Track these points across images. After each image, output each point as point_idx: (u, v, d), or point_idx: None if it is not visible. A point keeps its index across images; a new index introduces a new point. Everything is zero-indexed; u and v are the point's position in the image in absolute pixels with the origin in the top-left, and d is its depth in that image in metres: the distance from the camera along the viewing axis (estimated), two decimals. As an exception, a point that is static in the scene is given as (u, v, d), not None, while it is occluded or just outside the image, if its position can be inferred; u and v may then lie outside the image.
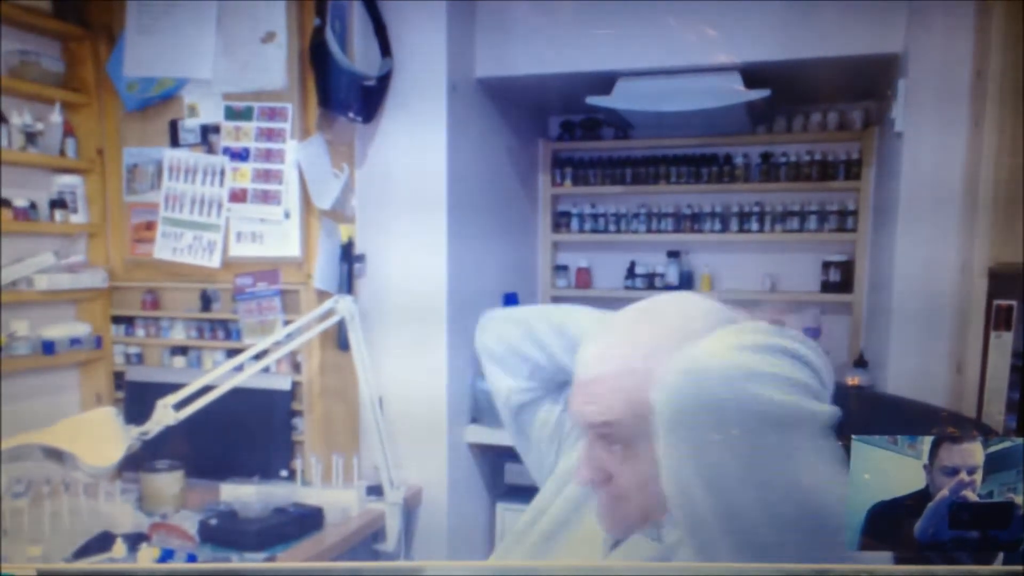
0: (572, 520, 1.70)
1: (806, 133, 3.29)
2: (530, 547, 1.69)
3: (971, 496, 1.77)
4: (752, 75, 2.81)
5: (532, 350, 1.69)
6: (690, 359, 1.29)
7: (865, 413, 1.85)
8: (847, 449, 1.42)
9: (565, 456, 1.74)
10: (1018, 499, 1.84)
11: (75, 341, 2.83)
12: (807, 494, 1.27)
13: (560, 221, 3.64)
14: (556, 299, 3.62)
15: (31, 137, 2.67)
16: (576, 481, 1.52)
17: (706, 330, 1.37)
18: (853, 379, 2.85)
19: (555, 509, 1.70)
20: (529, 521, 1.72)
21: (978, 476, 1.78)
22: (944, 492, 1.72)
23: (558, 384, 1.71)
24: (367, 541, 2.64)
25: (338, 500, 2.62)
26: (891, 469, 1.81)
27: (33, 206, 2.70)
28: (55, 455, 2.23)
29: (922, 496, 1.80)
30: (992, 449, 1.85)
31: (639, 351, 1.36)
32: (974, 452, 1.76)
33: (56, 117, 2.73)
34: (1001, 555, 1.90)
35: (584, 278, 3.63)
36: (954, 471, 1.74)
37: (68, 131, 2.78)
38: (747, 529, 1.29)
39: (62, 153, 2.77)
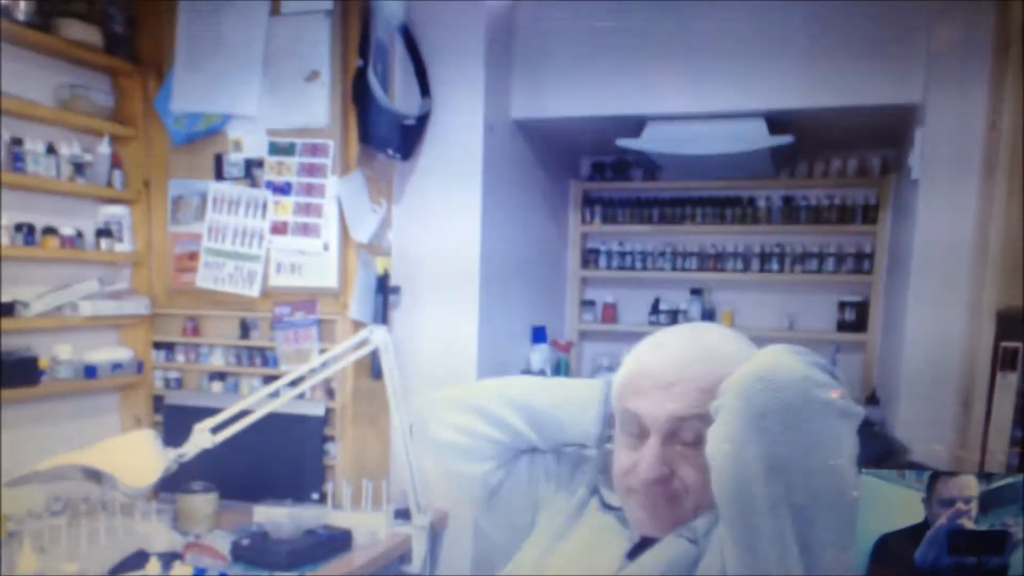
0: (569, 537, 1.78)
1: (826, 178, 3.33)
2: (529, 571, 1.76)
3: (968, 524, 1.85)
4: (776, 122, 2.87)
5: (497, 433, 1.77)
6: (762, 365, 1.43)
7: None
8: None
9: (544, 508, 1.82)
10: (1014, 528, 1.91)
11: (117, 366, 2.87)
12: (843, 474, 1.43)
13: (589, 258, 3.68)
14: (583, 333, 3.67)
15: (79, 168, 2.72)
16: (642, 478, 1.61)
17: (742, 344, 1.54)
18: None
19: (545, 543, 1.78)
20: (522, 560, 1.80)
21: (973, 506, 1.85)
22: (942, 520, 1.80)
23: (515, 457, 1.80)
24: (394, 563, 2.67)
25: (367, 523, 2.65)
26: (896, 502, 1.89)
27: (80, 234, 2.74)
28: (94, 475, 2.27)
29: (923, 527, 1.88)
30: (994, 485, 1.92)
31: (707, 355, 1.50)
32: (969, 484, 1.83)
33: (104, 149, 2.77)
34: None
35: (610, 313, 3.67)
36: (951, 502, 1.82)
37: (116, 163, 2.83)
38: (794, 509, 1.43)
39: (109, 184, 2.82)
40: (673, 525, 1.62)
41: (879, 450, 2.04)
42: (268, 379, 2.78)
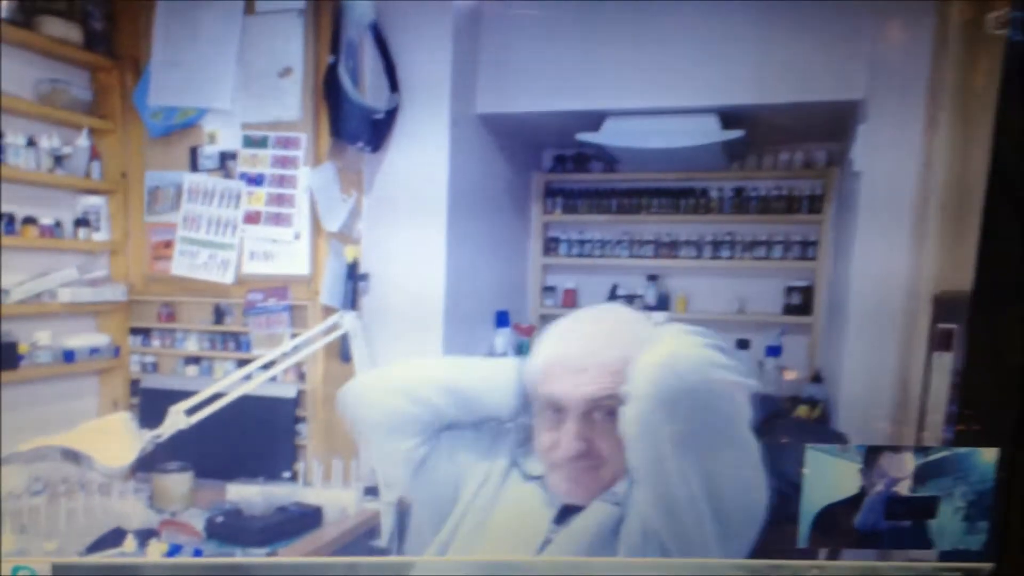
0: (490, 517, 1.91)
1: (775, 170, 3.39)
2: (462, 546, 1.89)
3: (902, 492, 1.99)
4: (728, 117, 2.96)
5: (419, 410, 1.89)
6: (670, 352, 1.60)
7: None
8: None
9: (465, 484, 1.94)
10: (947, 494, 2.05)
11: (94, 350, 2.93)
12: (751, 443, 1.61)
13: (550, 246, 3.71)
14: (545, 317, 3.71)
15: (59, 160, 2.77)
16: (563, 457, 1.76)
17: (643, 326, 1.72)
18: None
19: (473, 515, 1.92)
20: (449, 531, 1.92)
21: (907, 478, 2.00)
22: (879, 488, 1.95)
23: (438, 433, 1.93)
24: (363, 538, 2.74)
25: (337, 500, 2.74)
26: (838, 474, 2.03)
27: (58, 224, 2.80)
28: (73, 456, 2.34)
29: (862, 497, 2.02)
30: (931, 458, 2.07)
31: (611, 340, 1.66)
32: (904, 460, 1.98)
33: (83, 141, 2.82)
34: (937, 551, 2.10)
35: (571, 298, 3.72)
36: (885, 472, 1.96)
37: (94, 155, 2.88)
38: (702, 473, 1.60)
39: (88, 175, 2.86)
40: (595, 493, 1.79)
41: (766, 411, 2.15)
42: (241, 363, 2.84)
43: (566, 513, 1.85)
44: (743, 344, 3.15)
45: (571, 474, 1.81)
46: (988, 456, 2.09)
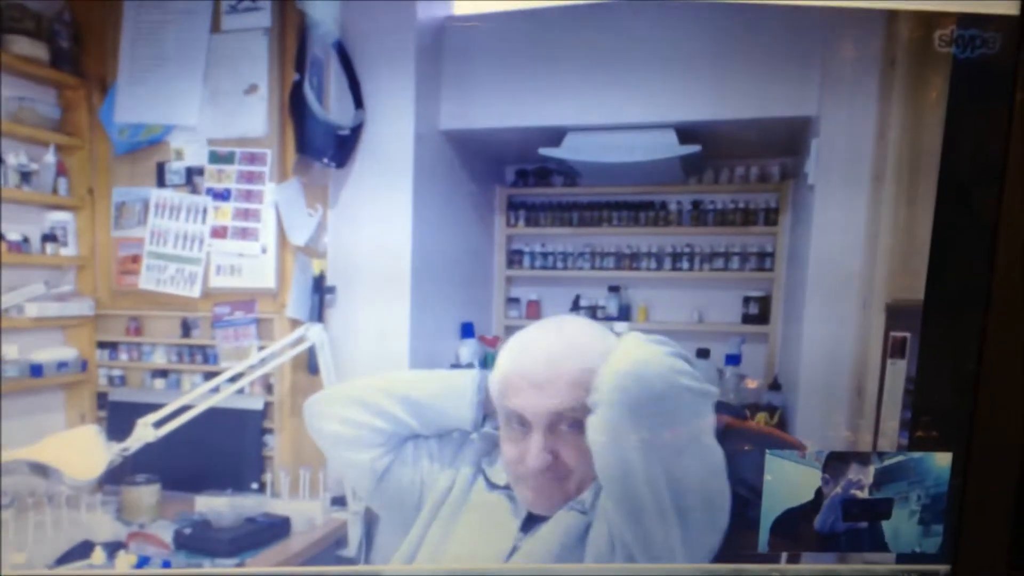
0: (456, 526, 1.95)
1: (731, 184, 3.43)
2: (429, 555, 1.93)
3: (859, 494, 2.05)
4: (685, 132, 3.00)
5: (381, 422, 1.93)
6: (633, 361, 1.65)
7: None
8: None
9: (430, 491, 1.98)
10: (900, 496, 2.10)
11: (62, 365, 2.92)
12: (714, 449, 1.65)
13: (513, 258, 3.73)
14: (509, 328, 3.71)
15: (26, 176, 2.77)
16: (529, 469, 1.79)
17: (602, 337, 1.76)
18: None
19: (439, 524, 1.95)
20: (415, 541, 1.96)
21: (865, 483, 2.05)
22: (837, 490, 2.00)
23: (401, 443, 1.97)
24: (331, 547, 2.75)
25: (305, 510, 2.75)
26: (797, 479, 2.09)
27: (26, 240, 2.80)
28: (40, 469, 2.38)
29: (820, 501, 2.07)
30: (887, 463, 2.13)
31: (572, 351, 1.70)
32: (861, 464, 2.03)
33: (50, 158, 2.83)
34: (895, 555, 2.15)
35: (534, 310, 3.74)
36: (844, 479, 2.02)
37: (61, 171, 2.88)
38: (668, 477, 1.64)
39: (55, 191, 2.87)
40: (562, 503, 1.83)
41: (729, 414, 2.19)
42: (209, 375, 2.84)
43: (532, 521, 1.88)
44: (703, 353, 3.19)
45: (537, 486, 1.85)
46: (942, 460, 2.15)
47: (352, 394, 1.99)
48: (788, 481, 2.07)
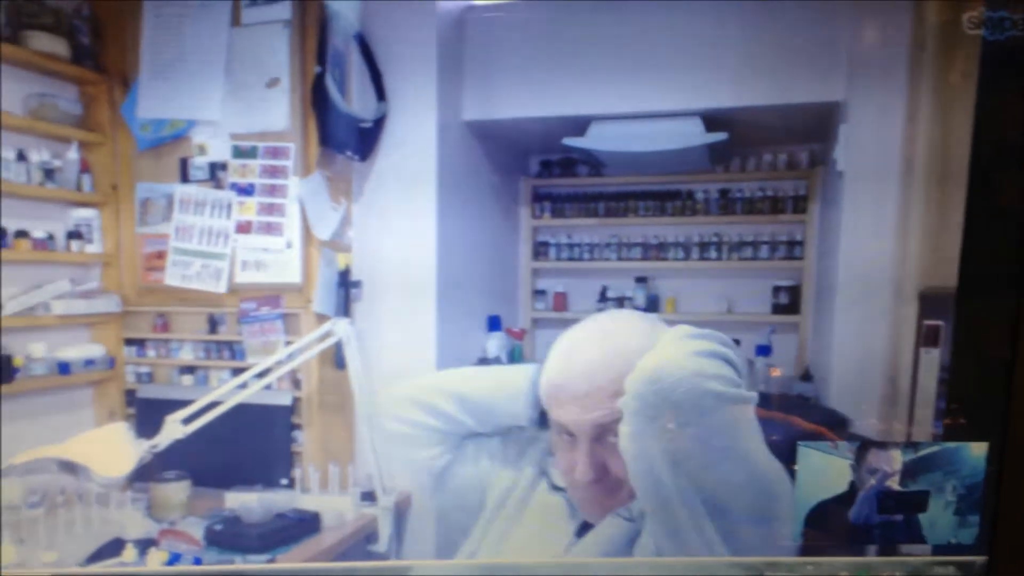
0: (516, 527, 1.92)
1: (759, 172, 3.42)
2: (491, 549, 1.90)
3: (893, 486, 2.02)
4: (712, 120, 2.98)
5: (435, 421, 1.90)
6: (653, 367, 1.57)
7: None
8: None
9: (490, 490, 1.95)
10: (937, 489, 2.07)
11: (89, 362, 2.93)
12: (747, 457, 1.58)
13: (539, 250, 3.73)
14: (536, 320, 3.71)
15: (49, 173, 2.77)
16: (578, 481, 1.75)
17: (647, 337, 1.67)
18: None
19: (499, 525, 1.92)
20: (476, 541, 1.94)
21: (897, 474, 2.02)
22: (872, 482, 1.97)
23: (461, 442, 1.93)
24: (361, 543, 2.75)
25: (334, 506, 2.76)
26: (830, 471, 2.05)
27: (51, 237, 2.81)
28: (70, 468, 2.36)
29: (854, 493, 2.04)
30: (922, 453, 2.09)
31: (616, 359, 1.63)
32: (894, 455, 2.00)
33: (73, 154, 2.83)
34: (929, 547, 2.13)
35: (560, 301, 3.74)
36: (876, 468, 1.99)
37: (84, 168, 2.89)
38: (703, 493, 1.58)
39: (78, 188, 2.87)
40: (609, 510, 1.78)
41: (820, 420, 2.16)
42: (236, 371, 2.87)
43: (587, 525, 1.85)
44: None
45: (588, 496, 1.80)
46: (977, 450, 2.11)
47: (409, 393, 1.97)
48: (820, 473, 2.04)
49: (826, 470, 2.06)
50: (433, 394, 1.91)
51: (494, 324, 3.35)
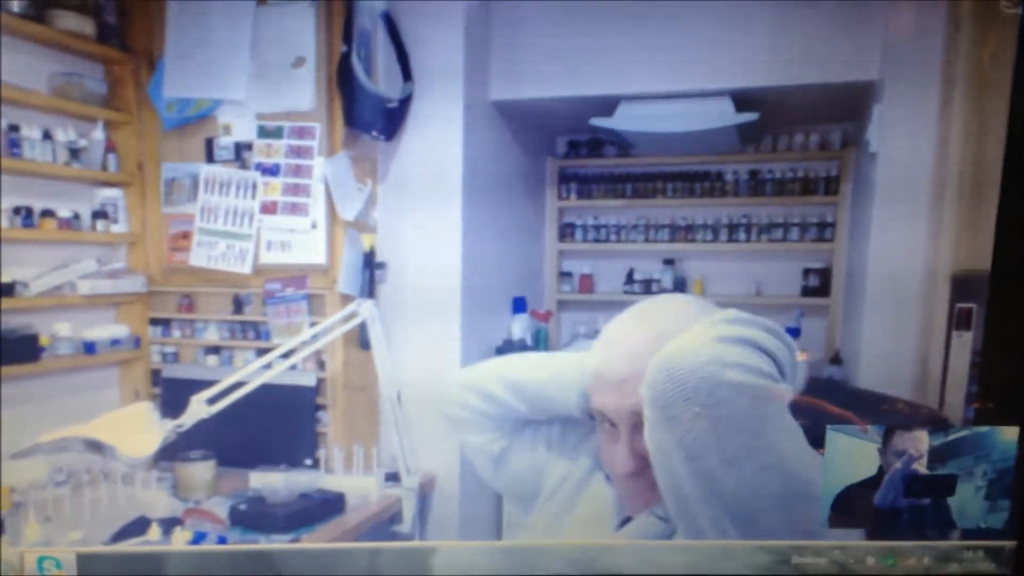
0: (568, 517, 1.89)
1: (790, 152, 3.40)
2: (542, 536, 1.88)
3: (921, 470, 1.99)
4: (742, 99, 2.95)
5: (490, 407, 1.88)
6: (670, 352, 1.49)
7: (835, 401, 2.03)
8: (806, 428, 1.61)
9: (546, 478, 1.93)
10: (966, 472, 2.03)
11: (115, 342, 2.94)
12: (778, 460, 1.50)
13: (565, 232, 3.72)
14: (561, 303, 3.71)
15: (75, 153, 2.77)
16: (617, 472, 1.70)
17: (689, 321, 1.59)
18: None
19: (550, 513, 1.90)
20: (528, 528, 1.92)
21: (924, 456, 1.99)
22: (897, 465, 1.94)
23: (520, 428, 1.91)
24: (385, 523, 2.76)
25: (359, 486, 2.76)
26: (858, 455, 2.03)
27: (77, 216, 2.81)
28: (95, 447, 2.35)
29: (882, 477, 2.01)
30: (952, 437, 2.07)
31: (652, 345, 1.55)
32: (921, 437, 1.97)
33: (99, 134, 2.83)
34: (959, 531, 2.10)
35: (587, 284, 3.73)
36: (904, 452, 1.96)
37: (110, 147, 2.89)
38: (724, 496, 1.51)
39: (104, 168, 2.87)
40: (648, 504, 1.73)
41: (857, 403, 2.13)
42: (261, 352, 2.85)
43: (629, 520, 1.82)
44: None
45: (630, 489, 1.76)
46: (1009, 435, 2.08)
47: (470, 378, 1.95)
48: (848, 457, 2.01)
49: (855, 454, 2.02)
50: (489, 380, 1.89)
51: (519, 306, 3.34)
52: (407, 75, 2.89)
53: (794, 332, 3.13)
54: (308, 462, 2.84)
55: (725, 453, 1.47)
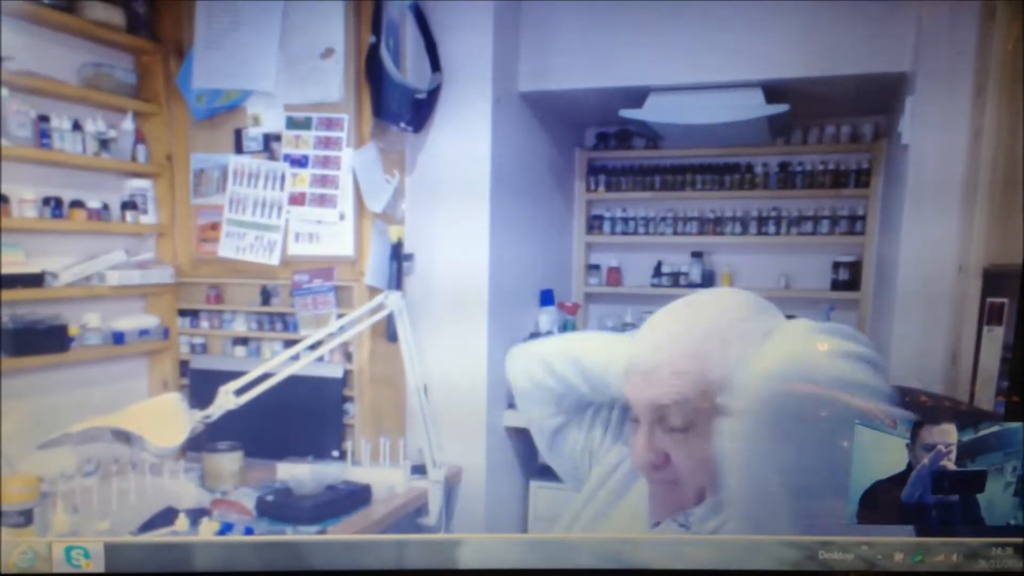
0: (613, 509, 1.88)
1: (821, 144, 3.37)
2: (585, 527, 1.87)
3: (949, 466, 1.97)
4: (772, 91, 2.93)
5: (553, 383, 1.87)
6: (781, 362, 1.42)
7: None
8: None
9: (598, 463, 1.92)
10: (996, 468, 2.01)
11: (144, 332, 2.94)
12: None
13: (593, 224, 3.71)
14: (588, 295, 3.71)
15: (104, 143, 2.78)
16: (634, 465, 1.67)
17: (737, 318, 1.54)
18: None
19: (597, 502, 1.89)
20: (573, 515, 1.90)
21: (953, 451, 1.97)
22: (925, 461, 1.92)
23: (581, 407, 1.89)
24: (411, 516, 2.76)
25: (385, 478, 2.76)
26: (887, 450, 2.01)
27: (106, 207, 2.81)
28: (124, 437, 2.38)
29: (910, 473, 1.99)
30: (982, 432, 2.04)
31: (693, 338, 1.51)
32: (949, 431, 1.95)
33: (128, 125, 2.84)
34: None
35: (614, 276, 3.71)
36: (932, 446, 1.94)
37: (139, 138, 2.89)
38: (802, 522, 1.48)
39: (133, 158, 2.87)
40: (673, 509, 1.69)
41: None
42: (288, 343, 2.86)
43: (658, 523, 1.79)
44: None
45: (652, 488, 1.72)
46: (1039, 430, 2.06)
47: (538, 350, 1.94)
48: (877, 452, 1.99)
49: (883, 450, 2.00)
50: (556, 355, 1.87)
51: (547, 298, 3.33)
52: (435, 66, 2.88)
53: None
54: (335, 454, 2.85)
55: (828, 481, 1.45)
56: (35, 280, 2.58)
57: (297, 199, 2.86)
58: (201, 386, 2.95)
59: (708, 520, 1.61)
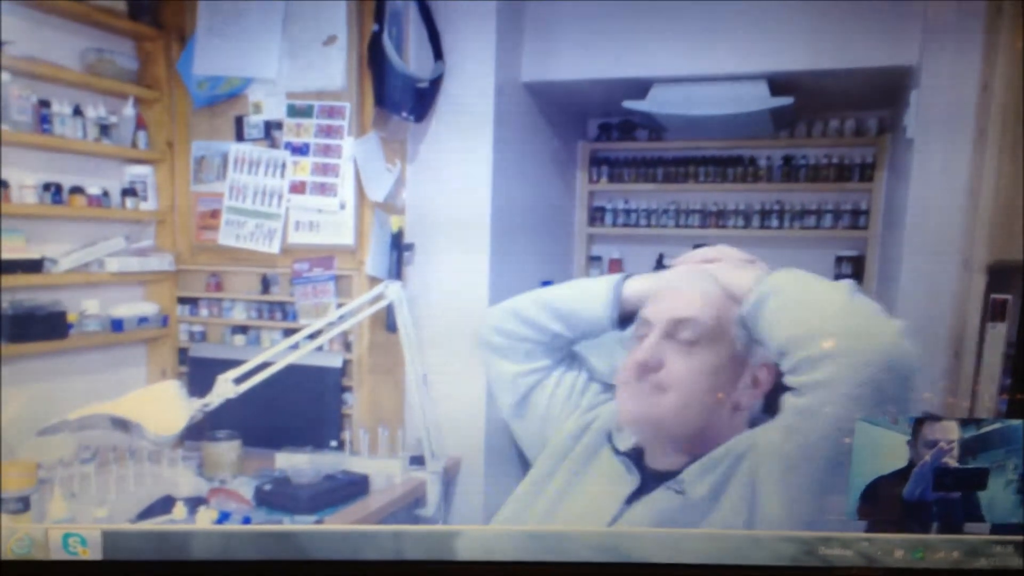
0: (580, 480, 1.91)
1: (825, 138, 3.34)
2: (543, 509, 1.89)
3: (951, 463, 1.96)
4: (777, 83, 2.91)
5: (528, 330, 1.93)
6: (892, 350, 1.52)
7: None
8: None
9: (556, 429, 1.96)
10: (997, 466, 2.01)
11: (143, 319, 2.94)
12: None
13: (595, 215, 3.70)
14: None
15: (105, 129, 2.78)
16: (627, 367, 1.76)
17: (747, 276, 1.82)
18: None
19: (562, 473, 1.92)
20: (534, 488, 1.93)
21: (955, 448, 1.97)
22: (926, 458, 1.92)
23: (560, 355, 1.94)
24: (409, 506, 2.76)
25: (383, 468, 2.75)
26: (888, 447, 2.00)
27: (106, 193, 2.81)
28: (122, 424, 2.38)
29: (911, 469, 1.98)
30: (984, 429, 2.03)
31: (730, 281, 1.66)
32: (950, 428, 1.95)
33: (129, 111, 2.83)
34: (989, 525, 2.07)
35: (616, 268, 3.68)
36: (934, 443, 1.93)
37: (140, 124, 2.89)
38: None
39: (134, 145, 2.87)
40: (648, 417, 1.77)
41: None
42: (288, 332, 2.87)
43: (638, 493, 1.85)
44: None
45: (632, 391, 1.81)
46: (1041, 428, 2.06)
47: (509, 306, 2.02)
48: (877, 448, 1.98)
49: (884, 446, 2.00)
50: (528, 304, 1.97)
51: (547, 290, 3.31)
52: (438, 55, 2.87)
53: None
54: (333, 443, 2.84)
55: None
56: (34, 266, 2.58)
57: (298, 187, 2.85)
58: (200, 374, 2.95)
59: (698, 483, 1.70)
